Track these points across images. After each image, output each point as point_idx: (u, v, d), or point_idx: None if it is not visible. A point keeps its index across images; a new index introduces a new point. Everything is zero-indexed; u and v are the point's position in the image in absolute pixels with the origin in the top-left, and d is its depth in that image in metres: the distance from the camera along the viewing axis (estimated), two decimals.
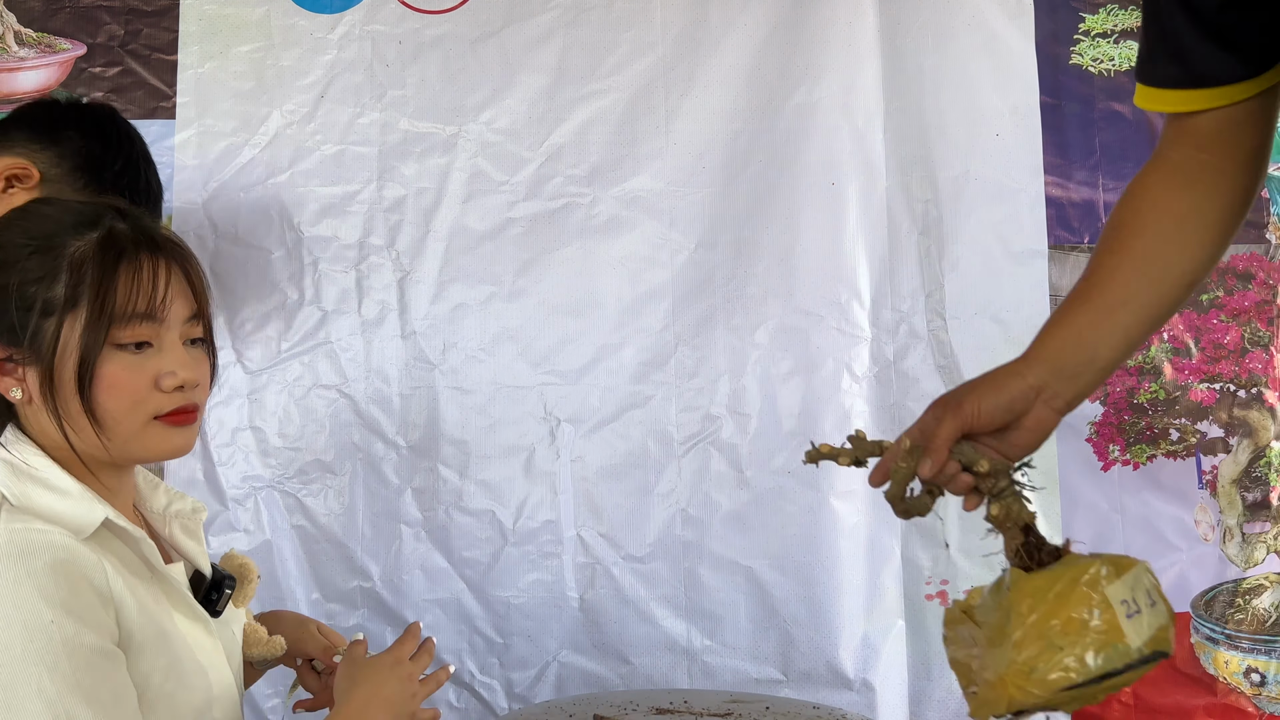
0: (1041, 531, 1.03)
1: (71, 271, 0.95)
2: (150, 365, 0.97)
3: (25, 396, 0.96)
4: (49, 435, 0.97)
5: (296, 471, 1.89)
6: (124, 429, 0.96)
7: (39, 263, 0.95)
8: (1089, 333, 0.99)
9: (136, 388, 0.96)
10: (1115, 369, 1.04)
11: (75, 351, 0.94)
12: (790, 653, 1.88)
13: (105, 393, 0.95)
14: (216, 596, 1.06)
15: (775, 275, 1.93)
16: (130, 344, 0.96)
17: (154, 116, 1.93)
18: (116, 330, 0.95)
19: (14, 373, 0.96)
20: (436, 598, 1.89)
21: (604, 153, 1.95)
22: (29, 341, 0.94)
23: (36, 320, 0.94)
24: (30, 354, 0.95)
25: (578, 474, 1.91)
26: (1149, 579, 0.93)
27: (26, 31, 1.93)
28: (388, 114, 1.94)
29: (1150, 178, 1.02)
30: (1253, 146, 0.99)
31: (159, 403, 0.98)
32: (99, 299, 0.94)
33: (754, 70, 1.95)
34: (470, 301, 1.93)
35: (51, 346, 0.94)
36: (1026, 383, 0.98)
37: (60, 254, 0.95)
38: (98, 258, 0.95)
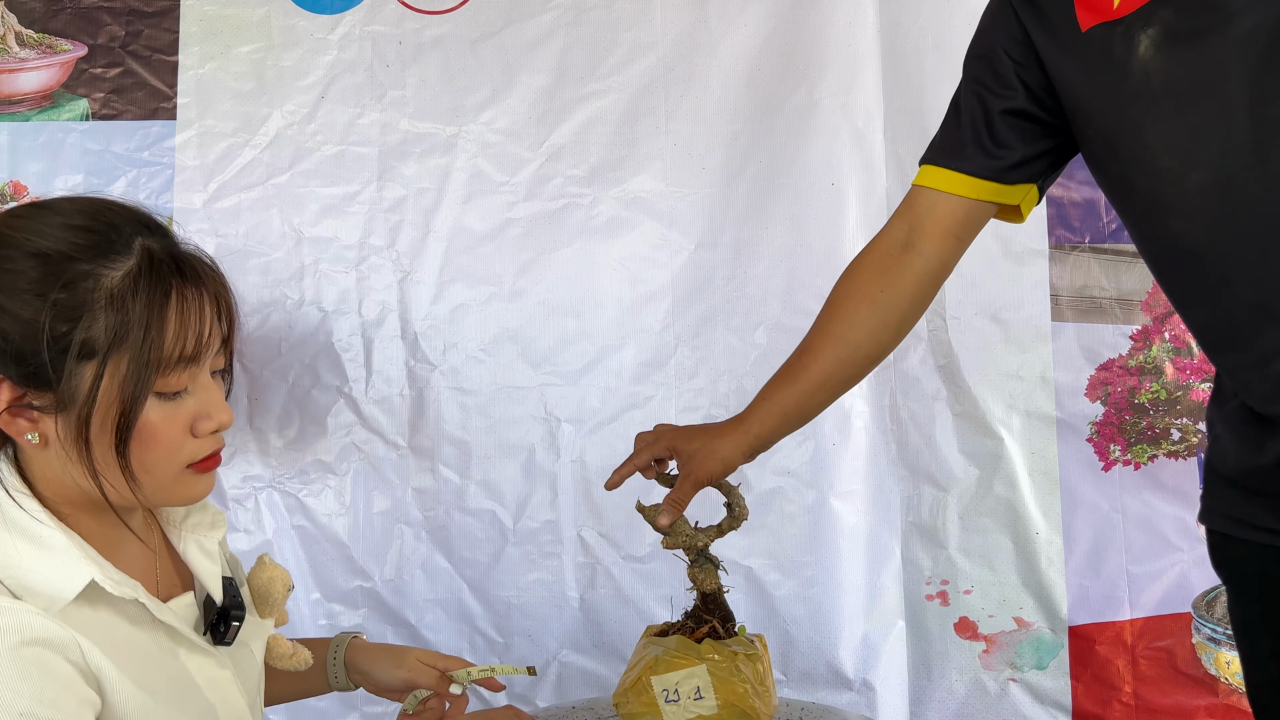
0: (729, 607, 1.31)
1: (113, 310, 0.82)
2: (185, 410, 0.88)
3: (42, 441, 0.85)
4: (52, 480, 0.87)
5: (297, 472, 1.89)
6: (155, 479, 0.88)
7: (70, 297, 0.82)
8: (794, 409, 1.23)
9: (173, 436, 0.87)
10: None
11: (116, 402, 0.84)
12: (790, 653, 1.88)
13: (140, 444, 0.85)
14: (225, 628, 0.97)
15: (775, 275, 1.93)
16: (170, 393, 0.86)
17: (155, 117, 1.93)
18: (160, 379, 0.85)
19: (29, 415, 0.84)
20: (437, 597, 1.90)
21: (604, 153, 1.95)
22: (61, 388, 0.83)
23: (71, 365, 0.82)
24: (60, 402, 0.83)
25: (578, 474, 1.91)
26: (708, 679, 1.21)
27: (28, 32, 1.93)
28: (388, 114, 1.95)
29: (860, 260, 1.22)
30: (954, 251, 1.18)
31: (193, 449, 0.89)
32: (147, 344, 0.83)
33: (754, 70, 1.95)
34: (470, 302, 1.93)
35: (90, 395, 0.83)
36: (741, 448, 1.24)
37: (94, 286, 0.83)
38: (142, 296, 0.83)
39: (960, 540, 1.90)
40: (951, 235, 1.16)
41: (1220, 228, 0.93)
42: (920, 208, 1.17)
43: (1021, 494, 1.89)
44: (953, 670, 1.90)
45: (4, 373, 0.83)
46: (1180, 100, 0.93)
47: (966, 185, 1.13)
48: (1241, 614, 1.05)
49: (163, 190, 1.92)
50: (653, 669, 1.26)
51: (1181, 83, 0.93)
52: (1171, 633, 1.89)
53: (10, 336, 0.82)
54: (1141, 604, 1.90)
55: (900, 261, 1.17)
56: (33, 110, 1.92)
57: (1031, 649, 1.89)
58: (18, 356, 0.82)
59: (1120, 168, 1.01)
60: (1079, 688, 1.88)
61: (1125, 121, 0.97)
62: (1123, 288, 1.93)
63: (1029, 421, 1.91)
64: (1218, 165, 0.91)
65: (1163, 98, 0.94)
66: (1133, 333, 1.92)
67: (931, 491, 1.91)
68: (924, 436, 1.91)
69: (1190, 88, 0.92)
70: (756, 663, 1.26)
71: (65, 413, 0.83)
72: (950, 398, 1.91)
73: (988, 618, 1.90)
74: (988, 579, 1.90)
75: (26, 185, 1.91)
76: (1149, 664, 1.89)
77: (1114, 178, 1.04)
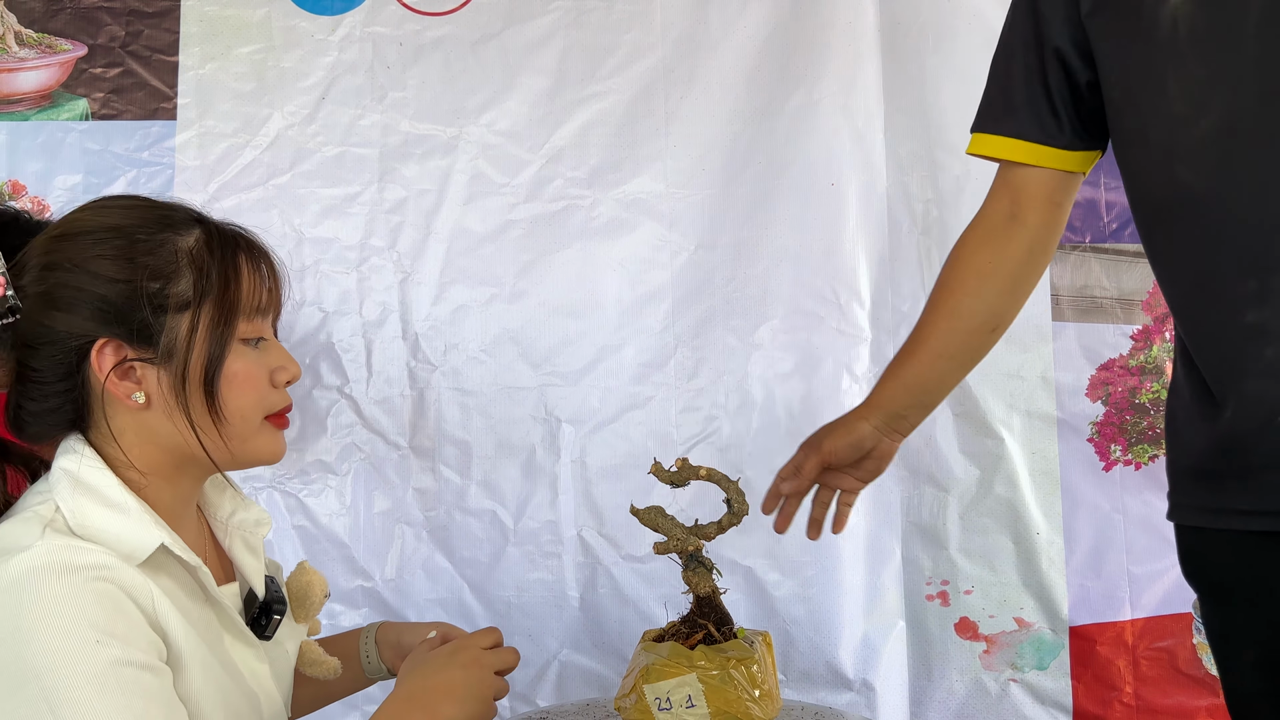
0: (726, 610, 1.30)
1: (194, 267, 0.92)
2: (264, 360, 0.96)
3: (146, 400, 0.92)
4: (141, 447, 0.93)
5: (298, 472, 1.89)
6: (246, 427, 0.95)
7: (155, 259, 0.91)
8: (915, 383, 1.24)
9: (259, 383, 0.95)
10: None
11: (205, 347, 0.92)
12: (790, 653, 1.88)
13: (235, 390, 0.93)
14: (266, 621, 1.02)
15: (775, 276, 1.93)
16: (253, 339, 0.96)
17: (155, 117, 1.93)
18: (243, 325, 0.94)
19: (132, 375, 0.91)
20: (438, 597, 1.89)
21: (604, 154, 1.95)
22: (161, 341, 0.91)
23: (170, 318, 0.91)
24: (162, 355, 0.91)
25: (578, 474, 1.91)
26: (699, 687, 1.21)
27: (27, 32, 1.93)
28: (388, 116, 1.95)
29: (965, 235, 1.23)
30: (1055, 217, 1.19)
31: (274, 399, 0.97)
32: (225, 294, 0.93)
33: (754, 71, 1.96)
34: (471, 303, 1.93)
35: (188, 345, 0.91)
36: (870, 425, 1.25)
37: (172, 249, 0.92)
38: (216, 253, 0.94)
39: (960, 540, 1.90)
40: (1053, 203, 1.18)
41: (1221, 174, 0.94)
42: (1017, 181, 1.18)
43: (1022, 494, 1.89)
44: (953, 670, 1.90)
45: (110, 334, 0.90)
46: (1202, 47, 0.95)
47: (1061, 159, 1.15)
48: (1220, 624, 1.03)
49: (163, 190, 1.92)
50: (645, 677, 1.28)
51: (1205, 30, 0.94)
52: (1172, 633, 1.89)
53: (112, 300, 0.90)
54: (1142, 604, 1.89)
55: (1007, 232, 1.19)
56: (32, 110, 1.93)
57: (1032, 649, 1.89)
58: (120, 317, 0.90)
59: (1139, 119, 1.02)
60: (1080, 688, 1.88)
61: (1151, 71, 0.99)
62: (1123, 287, 1.94)
63: (1030, 421, 1.90)
64: (1225, 111, 0.93)
65: (1187, 46, 0.95)
66: (1133, 332, 1.92)
67: (931, 491, 1.91)
68: (924, 436, 1.91)
69: (1211, 35, 0.94)
70: (751, 666, 1.26)
71: (166, 364, 0.91)
72: (950, 398, 1.91)
73: (988, 618, 1.89)
74: (988, 579, 1.90)
75: (26, 185, 1.91)
76: (1150, 664, 1.89)
77: (1129, 129, 1.04)
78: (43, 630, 0.80)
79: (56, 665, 0.80)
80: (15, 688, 0.80)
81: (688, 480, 1.34)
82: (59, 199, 1.91)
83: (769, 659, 1.35)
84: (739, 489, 1.35)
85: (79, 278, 0.91)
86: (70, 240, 0.93)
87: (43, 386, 0.92)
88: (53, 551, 0.84)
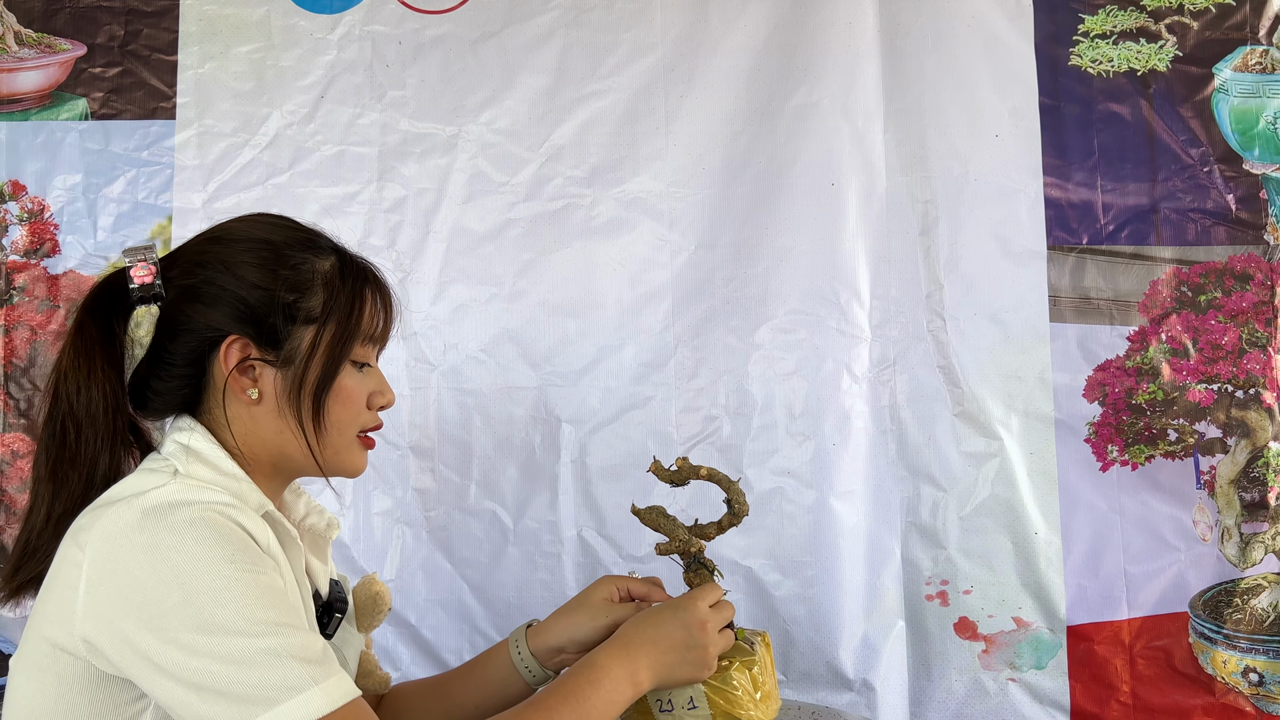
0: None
1: (327, 288, 1.02)
2: (367, 384, 1.06)
3: (259, 397, 1.00)
4: (247, 436, 1.01)
5: None
6: (341, 439, 1.04)
7: (294, 274, 1.01)
8: None
9: (358, 402, 1.04)
10: None
11: (322, 361, 1.01)
12: (790, 653, 1.89)
13: (339, 404, 1.02)
14: (328, 620, 1.08)
15: (775, 276, 1.93)
16: (360, 363, 1.05)
17: (154, 117, 1.93)
18: (357, 348, 1.04)
19: (251, 373, 1.01)
20: (438, 597, 1.90)
21: (604, 153, 1.95)
22: (285, 347, 1.00)
23: (297, 328, 1.01)
24: (282, 359, 1.01)
25: (578, 474, 1.91)
26: (701, 690, 1.21)
27: (26, 32, 1.93)
28: (388, 114, 1.94)
29: None
30: None
31: (368, 419, 1.06)
32: (352, 317, 1.03)
33: (754, 71, 1.96)
34: (471, 302, 1.93)
35: (308, 355, 1.01)
36: None
37: (311, 269, 1.02)
38: (349, 279, 1.04)
39: (960, 540, 1.90)
40: None
41: None
42: None
43: (1020, 494, 1.90)
44: (952, 670, 1.91)
45: (242, 332, 1.00)
46: None
47: None
48: None
49: (162, 190, 1.92)
50: None
51: None
52: (1169, 632, 1.90)
53: (249, 302, 1.00)
54: (1139, 603, 1.90)
55: None
56: (32, 109, 1.92)
57: (1030, 649, 1.90)
58: (254, 319, 1.00)
59: None
60: (1077, 687, 1.89)
61: None
62: (1119, 289, 1.94)
63: (1028, 422, 1.91)
64: None
65: None
66: (1130, 334, 1.93)
67: (931, 491, 1.91)
68: (924, 436, 1.92)
69: None
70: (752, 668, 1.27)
71: (284, 368, 1.01)
72: (950, 398, 1.92)
73: (987, 618, 1.90)
74: (987, 579, 1.90)
75: (26, 185, 1.90)
76: (1147, 663, 1.90)
77: None
78: (179, 546, 0.87)
79: (197, 570, 0.86)
80: (162, 597, 0.85)
81: (688, 480, 1.34)
82: (58, 199, 1.90)
83: (768, 659, 1.36)
84: (739, 489, 1.35)
85: (225, 278, 1.01)
86: (223, 245, 1.04)
87: (172, 369, 1.01)
88: (179, 490, 0.91)
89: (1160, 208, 1.95)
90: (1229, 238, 1.94)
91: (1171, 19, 1.97)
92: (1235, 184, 1.94)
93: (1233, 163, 1.95)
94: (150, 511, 0.88)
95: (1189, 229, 1.94)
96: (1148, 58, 1.96)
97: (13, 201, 1.90)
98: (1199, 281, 1.94)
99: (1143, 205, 1.95)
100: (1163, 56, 1.96)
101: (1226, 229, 1.94)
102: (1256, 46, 1.97)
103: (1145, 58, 1.96)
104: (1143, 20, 1.97)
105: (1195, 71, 1.96)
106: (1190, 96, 1.96)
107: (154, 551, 0.86)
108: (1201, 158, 1.95)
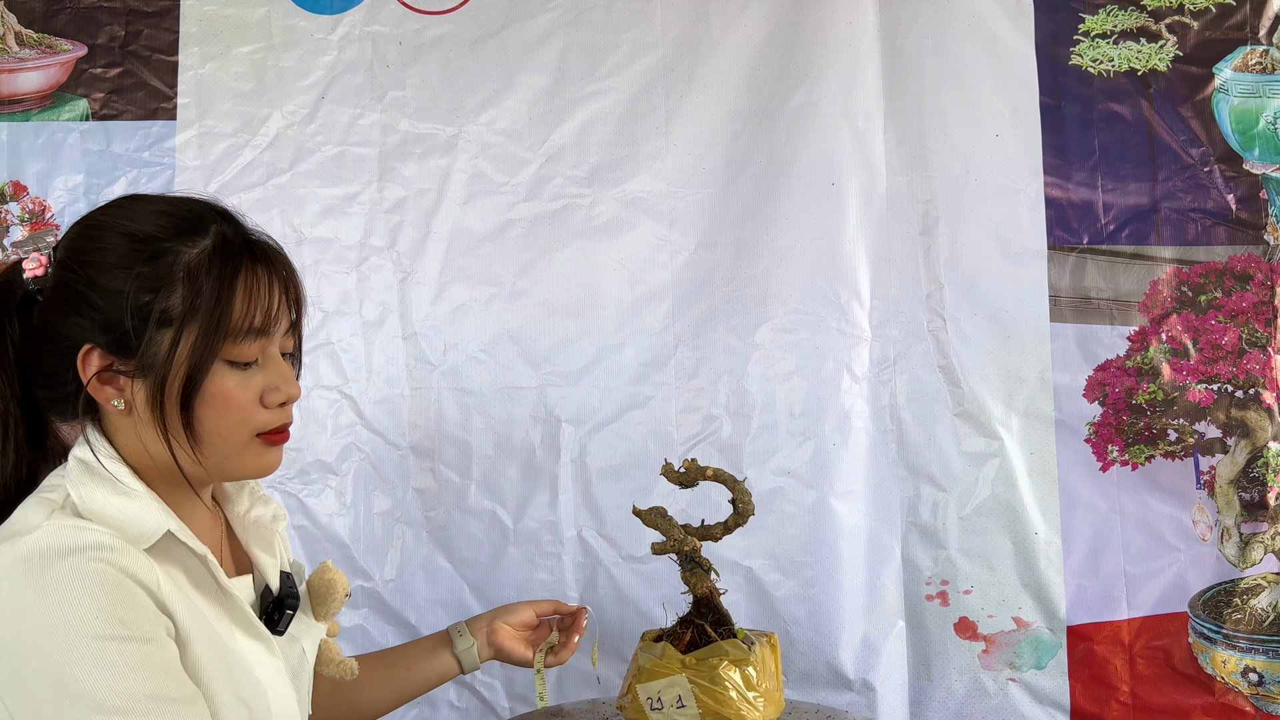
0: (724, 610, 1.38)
1: (188, 282, 0.91)
2: (256, 381, 0.95)
3: (126, 408, 0.92)
4: (135, 446, 0.94)
5: (297, 472, 1.89)
6: (226, 446, 0.94)
7: (153, 270, 0.91)
8: None
9: (244, 404, 0.94)
10: None
11: (185, 366, 0.91)
12: (790, 653, 1.89)
13: (213, 410, 0.92)
14: (279, 616, 1.02)
15: (775, 275, 1.93)
16: (240, 362, 0.94)
17: (155, 117, 1.93)
18: (229, 347, 0.92)
19: (115, 382, 0.92)
20: (438, 598, 1.90)
21: (604, 154, 1.95)
22: (141, 353, 0.91)
23: (151, 332, 0.90)
24: (140, 367, 0.91)
25: (578, 474, 1.91)
26: (689, 688, 1.25)
27: (27, 32, 1.93)
28: (388, 115, 1.95)
29: None
30: None
31: (263, 419, 0.96)
32: (216, 314, 0.91)
33: (754, 71, 1.96)
34: (471, 302, 1.93)
35: (166, 360, 0.91)
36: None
37: (173, 262, 0.91)
38: (214, 269, 0.92)
39: (960, 540, 1.91)
40: None
41: None
42: None
43: (1020, 494, 1.90)
44: (952, 670, 1.91)
45: (94, 341, 0.91)
46: None
47: None
48: None
49: (163, 190, 1.92)
50: (637, 677, 1.29)
51: None
52: (1169, 632, 1.90)
53: (100, 307, 0.91)
54: (1139, 603, 1.90)
55: None
56: (33, 110, 1.92)
57: (1030, 649, 1.90)
58: (106, 325, 0.91)
59: None
60: (1077, 687, 1.89)
61: None
62: (1119, 289, 1.94)
63: (1028, 422, 1.91)
64: None
65: None
66: (1130, 334, 1.93)
67: (931, 491, 1.91)
68: (924, 436, 1.92)
69: None
70: (746, 667, 1.27)
71: (145, 377, 0.91)
72: (950, 398, 1.92)
73: (987, 618, 1.90)
74: (987, 579, 1.91)
75: (26, 185, 1.91)
76: (1146, 663, 1.90)
77: None
78: (44, 607, 0.81)
79: (56, 641, 0.80)
80: (19, 664, 0.80)
81: (696, 481, 1.35)
82: (59, 199, 1.91)
83: (771, 660, 1.35)
84: (745, 489, 1.36)
85: (79, 279, 0.92)
86: (85, 239, 0.94)
87: (51, 377, 0.94)
88: (57, 532, 0.84)
89: (1160, 207, 1.95)
90: (1229, 238, 1.94)
91: (1172, 19, 1.97)
92: (1235, 184, 1.94)
93: (1233, 163, 1.95)
94: (24, 561, 0.82)
95: (1189, 229, 1.94)
96: (1148, 57, 1.96)
97: (14, 202, 1.90)
98: (1199, 281, 1.94)
99: (1143, 205, 1.95)
100: (1163, 56, 1.96)
101: (1227, 229, 1.94)
102: (1257, 46, 1.97)
103: (1146, 57, 1.96)
104: (1143, 20, 1.97)
105: (1195, 71, 1.96)
106: (1190, 96, 1.96)
107: (19, 614, 0.81)
108: (1202, 158, 1.95)
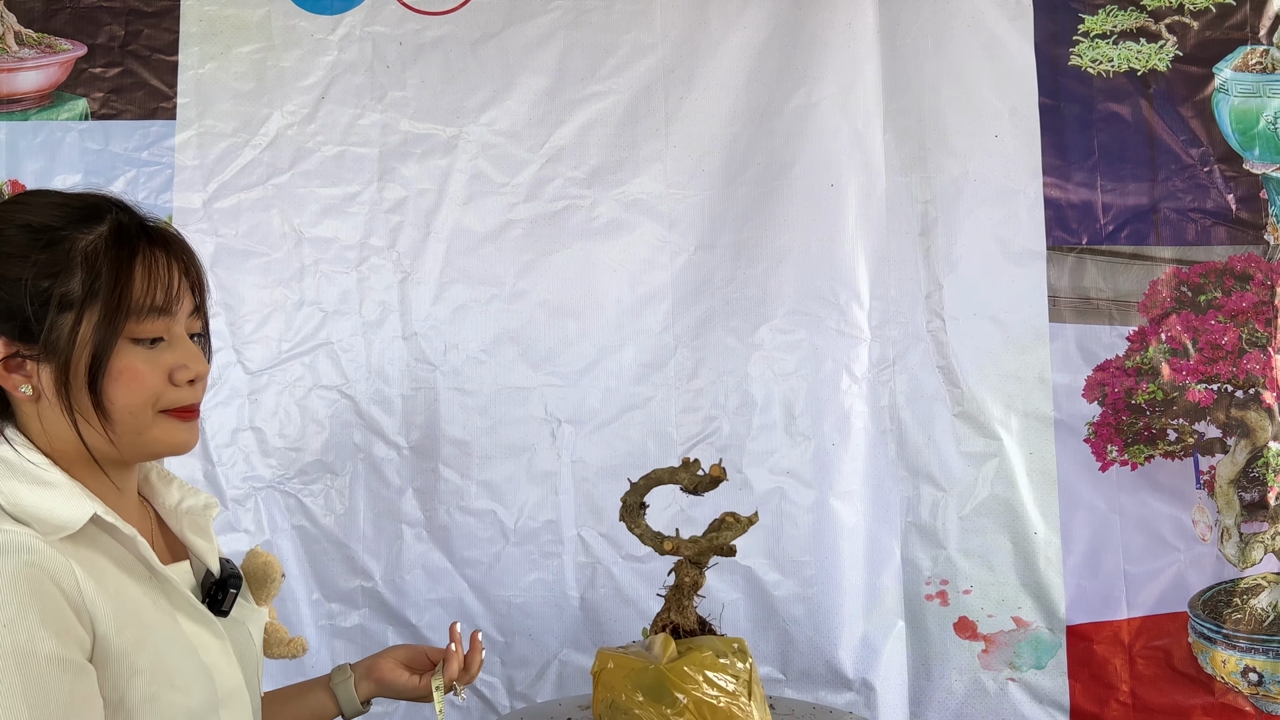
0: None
1: (86, 266, 0.93)
2: (165, 359, 0.97)
3: (35, 394, 0.94)
4: (49, 434, 0.96)
5: (297, 472, 1.89)
6: (136, 423, 0.96)
7: (50, 257, 0.93)
8: None
9: (151, 382, 0.96)
10: None
11: (89, 346, 0.93)
12: (790, 652, 1.89)
13: (121, 387, 0.95)
14: (222, 596, 1.04)
15: (774, 276, 1.93)
16: (145, 339, 0.96)
17: (154, 117, 1.93)
18: (133, 325, 0.95)
19: (22, 369, 0.94)
20: (438, 597, 1.90)
21: (604, 155, 1.95)
22: (44, 338, 0.93)
23: (53, 316, 0.93)
24: (45, 351, 0.93)
25: (578, 474, 1.91)
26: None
27: (27, 32, 1.93)
28: (388, 115, 1.95)
29: None
30: None
31: (172, 396, 0.98)
32: (116, 293, 0.93)
33: (753, 72, 1.96)
34: (471, 303, 1.93)
35: (69, 342, 0.93)
36: None
37: (71, 248, 0.94)
38: (111, 251, 0.94)
39: (959, 540, 1.91)
40: None
41: None
42: None
43: (1020, 494, 1.90)
44: (952, 670, 1.91)
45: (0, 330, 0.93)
46: None
47: None
48: None
49: (162, 190, 1.92)
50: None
51: None
52: (1168, 632, 1.90)
53: (2, 296, 0.93)
54: (1138, 603, 1.90)
55: None
56: (32, 109, 1.92)
57: (1030, 648, 1.90)
58: (7, 313, 0.93)
59: None
60: (1077, 687, 1.89)
61: None
62: (1119, 289, 1.94)
63: (1027, 422, 1.91)
64: None
65: None
66: (1129, 334, 1.93)
67: (931, 491, 1.92)
68: (924, 436, 1.92)
69: None
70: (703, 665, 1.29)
71: (50, 361, 0.93)
72: (949, 398, 1.92)
73: (987, 617, 1.90)
74: (987, 579, 1.91)
75: (26, 184, 1.90)
76: (1146, 663, 1.90)
77: None
78: None
79: None
80: None
81: (704, 491, 1.39)
82: None
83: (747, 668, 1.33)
84: (743, 526, 1.46)
85: None
86: None
87: None
88: None
89: (1160, 208, 1.95)
90: (1229, 238, 1.94)
91: (1171, 19, 1.97)
92: (1235, 184, 1.94)
93: (1233, 162, 1.95)
94: None
95: (1189, 229, 1.94)
96: (1148, 58, 1.96)
97: None
98: (1199, 281, 1.94)
99: (1143, 205, 1.95)
100: (1163, 56, 1.96)
101: (1226, 229, 1.94)
102: (1256, 46, 1.97)
103: (1145, 58, 1.96)
104: (1143, 20, 1.97)
105: (1195, 71, 1.96)
106: (1190, 96, 1.96)
107: None
108: (1201, 158, 1.95)
